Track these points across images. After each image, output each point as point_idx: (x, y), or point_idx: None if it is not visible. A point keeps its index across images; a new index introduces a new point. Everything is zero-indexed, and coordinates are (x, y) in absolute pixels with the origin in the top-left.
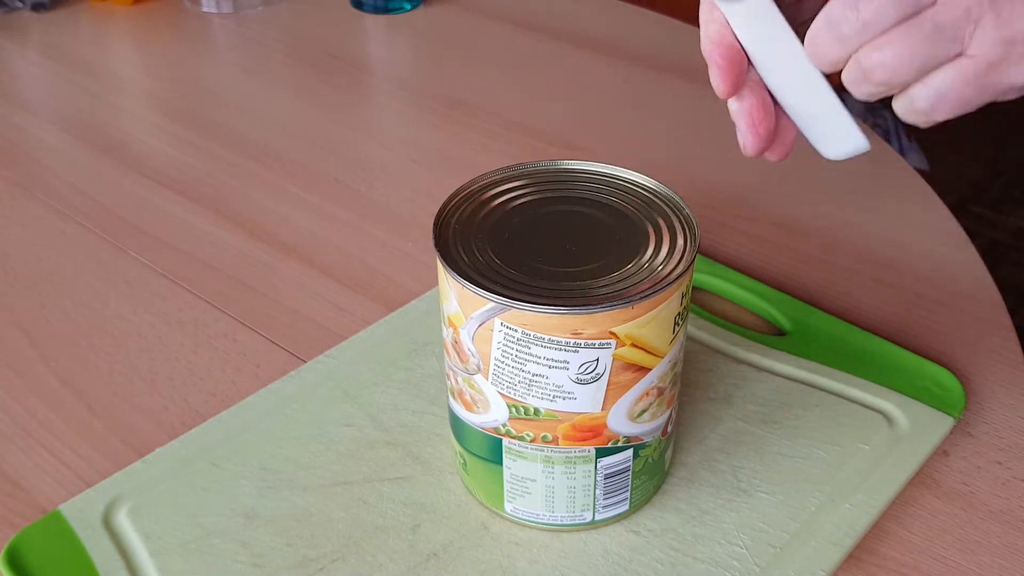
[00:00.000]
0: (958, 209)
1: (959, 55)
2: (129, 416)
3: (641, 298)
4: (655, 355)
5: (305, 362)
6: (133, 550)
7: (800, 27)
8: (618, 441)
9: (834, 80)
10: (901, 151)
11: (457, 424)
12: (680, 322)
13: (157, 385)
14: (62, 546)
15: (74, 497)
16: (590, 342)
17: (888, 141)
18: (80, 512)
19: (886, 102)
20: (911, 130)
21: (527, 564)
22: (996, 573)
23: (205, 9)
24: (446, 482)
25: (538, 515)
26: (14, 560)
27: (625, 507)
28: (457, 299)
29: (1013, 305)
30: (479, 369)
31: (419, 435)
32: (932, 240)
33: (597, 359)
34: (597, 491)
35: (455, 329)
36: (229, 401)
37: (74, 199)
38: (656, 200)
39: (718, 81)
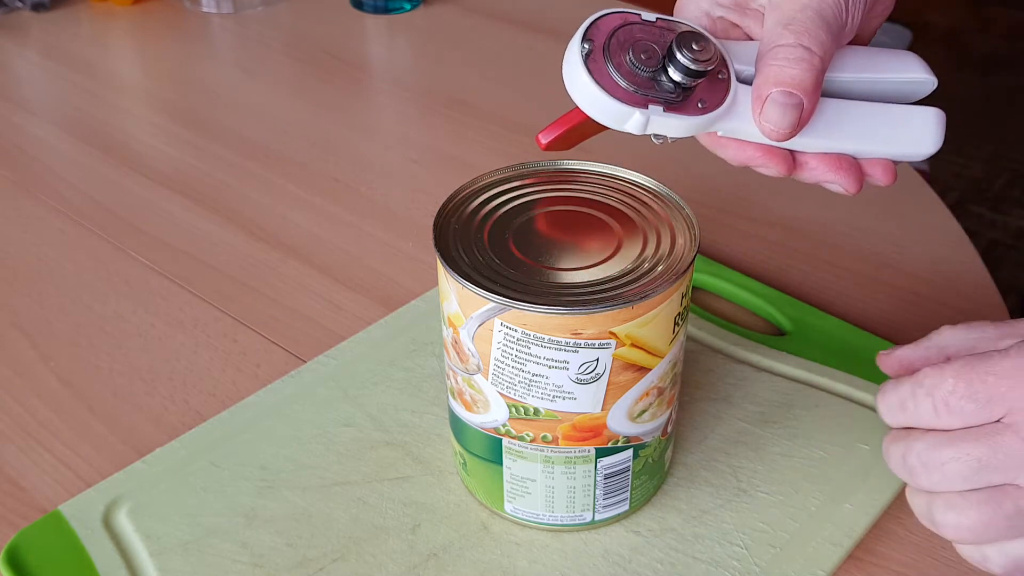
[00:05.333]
0: (958, 209)
1: None
2: (129, 416)
3: (641, 298)
4: (655, 355)
5: (305, 362)
6: (133, 550)
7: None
8: (618, 441)
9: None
10: None
11: (457, 424)
12: (680, 322)
13: (157, 385)
14: (62, 546)
15: (74, 497)
16: (590, 342)
17: None
18: (80, 512)
19: None
20: None
21: (527, 564)
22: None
23: (205, 9)
24: (446, 482)
25: (538, 515)
26: (14, 560)
27: (625, 507)
28: (457, 299)
29: (1013, 305)
30: (479, 369)
31: (419, 435)
32: (932, 240)
33: (597, 359)
34: (597, 491)
35: (455, 329)
36: (229, 401)
37: (74, 199)
38: (656, 200)
39: (773, 171)
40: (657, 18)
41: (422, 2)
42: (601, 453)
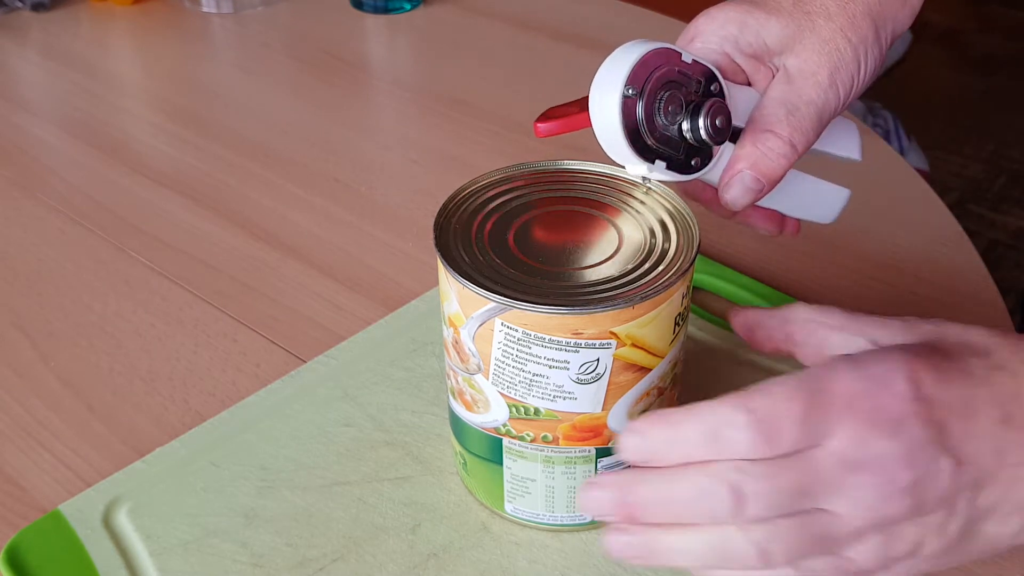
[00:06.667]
0: (958, 209)
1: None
2: (129, 416)
3: (641, 298)
4: (655, 355)
5: (305, 362)
6: (133, 550)
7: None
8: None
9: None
10: (901, 151)
11: (457, 424)
12: (680, 322)
13: (157, 385)
14: (62, 546)
15: (74, 497)
16: (590, 342)
17: (888, 141)
18: (80, 512)
19: (886, 102)
20: (911, 130)
21: (527, 564)
22: (996, 573)
23: (205, 9)
24: (446, 482)
25: (538, 515)
26: (14, 560)
27: None
28: (457, 299)
29: (1013, 305)
30: (479, 369)
31: (419, 435)
32: (932, 240)
33: (597, 359)
34: None
35: (455, 329)
36: (229, 401)
37: (74, 199)
38: (656, 200)
39: (715, 212)
40: (693, 60)
41: (422, 2)
42: (601, 453)
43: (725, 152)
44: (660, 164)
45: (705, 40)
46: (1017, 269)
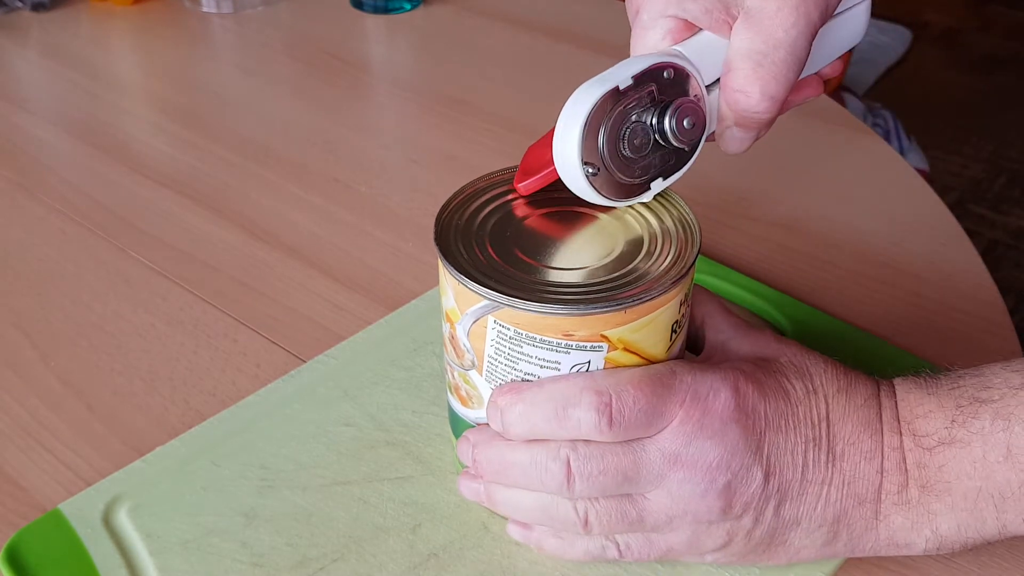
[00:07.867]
0: (958, 209)
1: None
2: (129, 416)
3: (634, 302)
4: (650, 361)
5: (305, 362)
6: (133, 549)
7: None
8: None
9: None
10: (901, 151)
11: (455, 420)
12: (678, 329)
13: (157, 385)
14: (62, 545)
15: (74, 496)
16: (581, 344)
17: (888, 141)
18: (80, 511)
19: (886, 102)
20: (911, 130)
21: (527, 564)
22: (996, 573)
23: (205, 9)
24: (446, 482)
25: None
26: (14, 559)
27: None
28: (454, 294)
29: (1013, 305)
30: (473, 365)
31: (419, 435)
32: (932, 240)
33: (588, 361)
34: None
35: (452, 324)
36: (229, 401)
37: (74, 199)
38: (659, 202)
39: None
40: (633, 76)
41: (422, 2)
42: None
43: (712, 103)
44: (658, 182)
45: (650, 11)
46: (1017, 269)
